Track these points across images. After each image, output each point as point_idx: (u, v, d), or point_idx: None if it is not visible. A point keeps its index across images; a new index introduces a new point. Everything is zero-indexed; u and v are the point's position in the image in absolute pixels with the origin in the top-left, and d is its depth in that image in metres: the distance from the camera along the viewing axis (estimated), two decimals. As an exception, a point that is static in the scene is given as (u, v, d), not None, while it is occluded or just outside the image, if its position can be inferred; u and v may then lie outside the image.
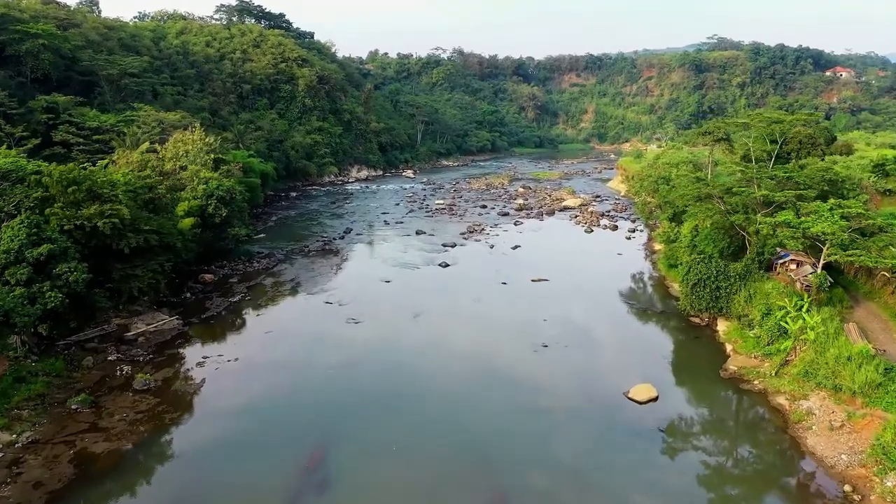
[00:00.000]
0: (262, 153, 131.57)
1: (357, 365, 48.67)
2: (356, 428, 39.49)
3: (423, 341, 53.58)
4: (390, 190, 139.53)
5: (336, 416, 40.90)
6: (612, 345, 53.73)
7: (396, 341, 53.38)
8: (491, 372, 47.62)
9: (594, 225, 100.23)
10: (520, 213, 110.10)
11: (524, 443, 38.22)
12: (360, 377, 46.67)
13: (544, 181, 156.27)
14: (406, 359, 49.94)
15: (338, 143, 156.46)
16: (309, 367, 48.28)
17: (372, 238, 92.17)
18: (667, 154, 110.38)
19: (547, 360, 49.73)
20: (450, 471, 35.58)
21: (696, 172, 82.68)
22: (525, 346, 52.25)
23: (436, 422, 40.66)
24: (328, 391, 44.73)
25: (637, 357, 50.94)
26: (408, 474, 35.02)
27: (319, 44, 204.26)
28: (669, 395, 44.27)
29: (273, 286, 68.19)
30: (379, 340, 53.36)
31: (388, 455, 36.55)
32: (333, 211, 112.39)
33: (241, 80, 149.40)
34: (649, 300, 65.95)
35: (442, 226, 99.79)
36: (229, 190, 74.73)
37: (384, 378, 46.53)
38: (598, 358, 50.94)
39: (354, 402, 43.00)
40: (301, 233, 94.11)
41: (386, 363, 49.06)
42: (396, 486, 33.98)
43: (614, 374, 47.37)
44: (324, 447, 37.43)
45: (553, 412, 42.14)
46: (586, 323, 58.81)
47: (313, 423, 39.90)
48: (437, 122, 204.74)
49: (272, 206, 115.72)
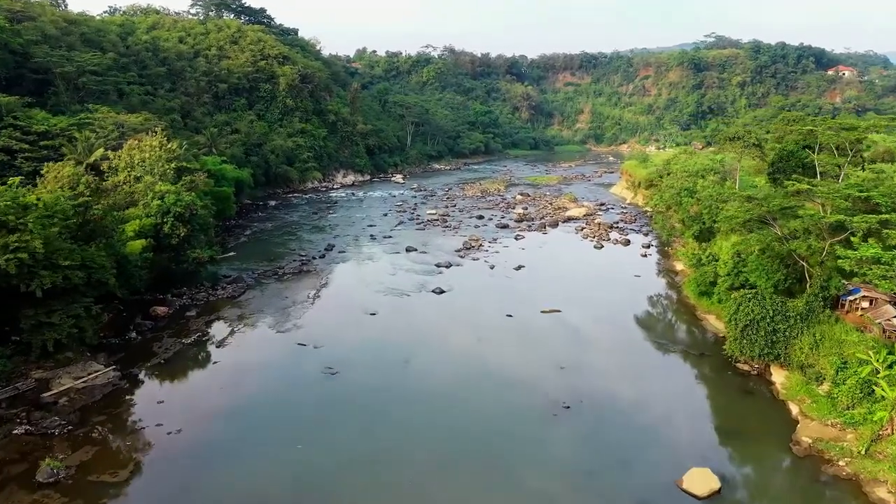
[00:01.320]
0: (238, 158, 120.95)
1: (332, 446, 37.79)
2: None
3: (414, 404, 43.15)
4: (378, 197, 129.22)
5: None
6: (648, 403, 43.74)
7: (381, 408, 42.46)
8: (501, 453, 37.10)
9: (603, 239, 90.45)
10: (520, 225, 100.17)
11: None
12: (333, 462, 36.23)
13: (543, 186, 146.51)
14: (392, 436, 39.25)
15: (322, 146, 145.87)
16: (273, 444, 37.85)
17: (356, 256, 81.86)
18: (679, 159, 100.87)
19: (572, 431, 39.68)
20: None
21: (724, 183, 73.21)
22: (542, 407, 42.21)
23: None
24: (297, 483, 34.41)
25: (683, 422, 41.08)
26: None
27: (303, 41, 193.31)
28: (734, 483, 34.40)
29: (237, 321, 57.76)
30: (359, 405, 42.61)
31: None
32: (315, 223, 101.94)
33: (216, 79, 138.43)
34: (681, 337, 56.14)
35: (435, 240, 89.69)
36: (189, 205, 64.28)
37: (365, 468, 36.14)
38: (634, 424, 40.85)
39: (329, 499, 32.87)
40: (277, 250, 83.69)
41: (368, 441, 38.34)
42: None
43: (659, 450, 37.47)
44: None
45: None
46: (612, 370, 48.92)
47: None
48: (428, 123, 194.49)
49: (247, 217, 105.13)
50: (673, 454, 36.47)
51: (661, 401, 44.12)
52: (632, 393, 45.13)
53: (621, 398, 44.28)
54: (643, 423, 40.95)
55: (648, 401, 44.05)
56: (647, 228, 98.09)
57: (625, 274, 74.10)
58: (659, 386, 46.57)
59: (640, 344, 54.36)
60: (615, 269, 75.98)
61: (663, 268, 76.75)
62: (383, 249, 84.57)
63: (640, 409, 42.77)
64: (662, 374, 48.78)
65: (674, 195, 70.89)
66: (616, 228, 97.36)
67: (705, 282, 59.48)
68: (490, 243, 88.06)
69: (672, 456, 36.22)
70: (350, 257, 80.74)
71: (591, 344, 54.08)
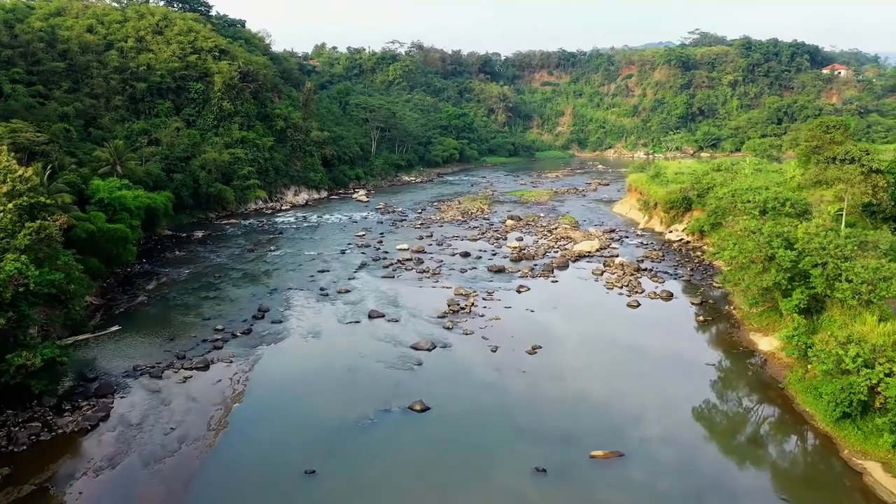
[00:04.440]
0: (156, 178, 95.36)
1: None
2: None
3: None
4: (335, 223, 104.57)
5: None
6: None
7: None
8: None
9: (635, 290, 67.54)
10: (519, 267, 76.75)
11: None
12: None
13: (532, 204, 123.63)
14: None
15: (267, 158, 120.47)
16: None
17: (297, 330, 57.21)
18: (738, 179, 79.04)
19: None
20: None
21: (812, 221, 50.86)
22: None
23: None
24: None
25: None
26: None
27: (248, 33, 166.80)
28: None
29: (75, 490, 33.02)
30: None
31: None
32: (248, 267, 76.97)
33: (133, 77, 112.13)
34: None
35: (409, 296, 65.68)
36: (7, 281, 39.20)
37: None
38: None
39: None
40: (184, 319, 58.74)
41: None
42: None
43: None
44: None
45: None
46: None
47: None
48: (395, 128, 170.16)
49: (159, 257, 79.65)
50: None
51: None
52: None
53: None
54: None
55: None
56: (682, 270, 75.71)
57: (686, 358, 51.10)
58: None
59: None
60: (670, 349, 52.80)
61: (737, 344, 53.95)
62: (337, 315, 60.12)
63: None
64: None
65: (760, 245, 48.02)
66: (645, 271, 74.62)
67: (850, 400, 36.75)
68: (485, 299, 64.49)
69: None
70: (287, 334, 55.88)
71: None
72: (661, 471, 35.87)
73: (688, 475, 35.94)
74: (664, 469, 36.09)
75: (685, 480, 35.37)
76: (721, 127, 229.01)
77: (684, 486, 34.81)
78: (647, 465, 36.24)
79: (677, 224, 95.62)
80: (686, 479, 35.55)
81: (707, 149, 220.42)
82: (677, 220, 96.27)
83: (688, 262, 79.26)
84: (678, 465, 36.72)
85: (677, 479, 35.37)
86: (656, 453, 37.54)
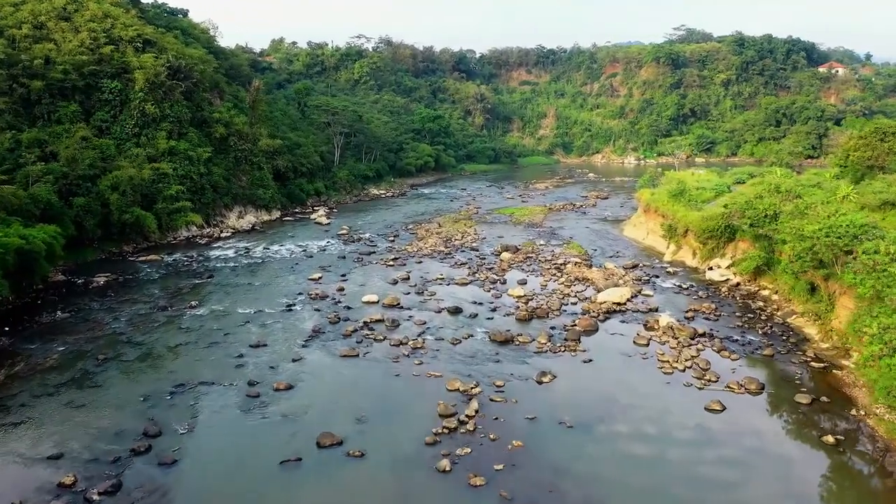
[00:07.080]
0: (45, 205, 72.50)
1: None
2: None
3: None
4: (285, 258, 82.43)
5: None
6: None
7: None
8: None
9: (704, 373, 47.18)
10: (530, 330, 55.90)
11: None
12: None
13: (526, 226, 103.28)
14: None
15: (203, 173, 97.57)
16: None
17: (198, 483, 35.34)
18: (813, 205, 59.51)
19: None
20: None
21: None
22: None
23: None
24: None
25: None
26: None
27: (187, 22, 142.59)
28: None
29: None
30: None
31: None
32: (153, 338, 54.53)
33: (25, 73, 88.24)
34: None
35: (380, 393, 44.31)
36: None
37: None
38: None
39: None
40: (8, 457, 36.49)
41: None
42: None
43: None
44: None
45: None
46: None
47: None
48: (362, 133, 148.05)
49: (27, 323, 56.62)
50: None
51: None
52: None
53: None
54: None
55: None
56: (752, 334, 55.77)
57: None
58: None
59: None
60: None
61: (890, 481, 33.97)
62: (268, 443, 38.29)
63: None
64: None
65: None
66: (704, 337, 54.37)
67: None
68: (493, 399, 43.48)
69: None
70: (179, 498, 33.96)
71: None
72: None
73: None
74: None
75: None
76: (715, 129, 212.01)
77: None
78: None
79: (717, 258, 76.07)
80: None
81: (701, 153, 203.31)
82: (717, 252, 76.71)
83: (753, 320, 59.41)
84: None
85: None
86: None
